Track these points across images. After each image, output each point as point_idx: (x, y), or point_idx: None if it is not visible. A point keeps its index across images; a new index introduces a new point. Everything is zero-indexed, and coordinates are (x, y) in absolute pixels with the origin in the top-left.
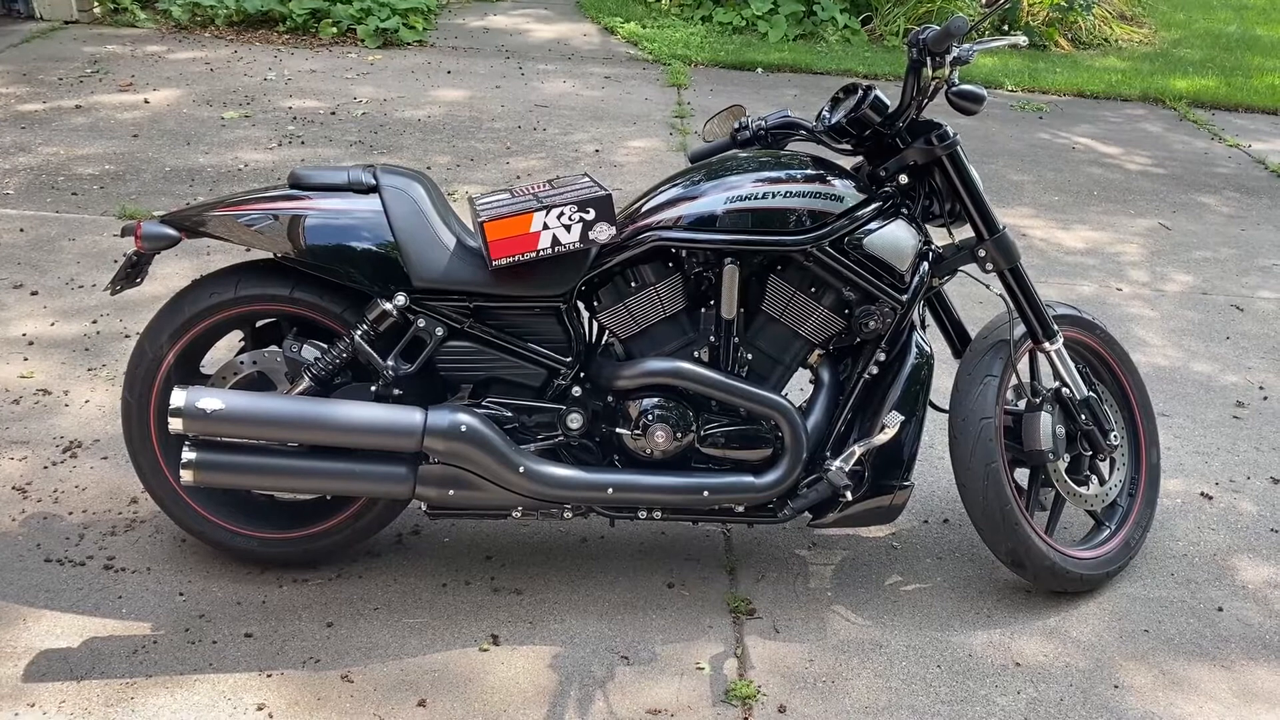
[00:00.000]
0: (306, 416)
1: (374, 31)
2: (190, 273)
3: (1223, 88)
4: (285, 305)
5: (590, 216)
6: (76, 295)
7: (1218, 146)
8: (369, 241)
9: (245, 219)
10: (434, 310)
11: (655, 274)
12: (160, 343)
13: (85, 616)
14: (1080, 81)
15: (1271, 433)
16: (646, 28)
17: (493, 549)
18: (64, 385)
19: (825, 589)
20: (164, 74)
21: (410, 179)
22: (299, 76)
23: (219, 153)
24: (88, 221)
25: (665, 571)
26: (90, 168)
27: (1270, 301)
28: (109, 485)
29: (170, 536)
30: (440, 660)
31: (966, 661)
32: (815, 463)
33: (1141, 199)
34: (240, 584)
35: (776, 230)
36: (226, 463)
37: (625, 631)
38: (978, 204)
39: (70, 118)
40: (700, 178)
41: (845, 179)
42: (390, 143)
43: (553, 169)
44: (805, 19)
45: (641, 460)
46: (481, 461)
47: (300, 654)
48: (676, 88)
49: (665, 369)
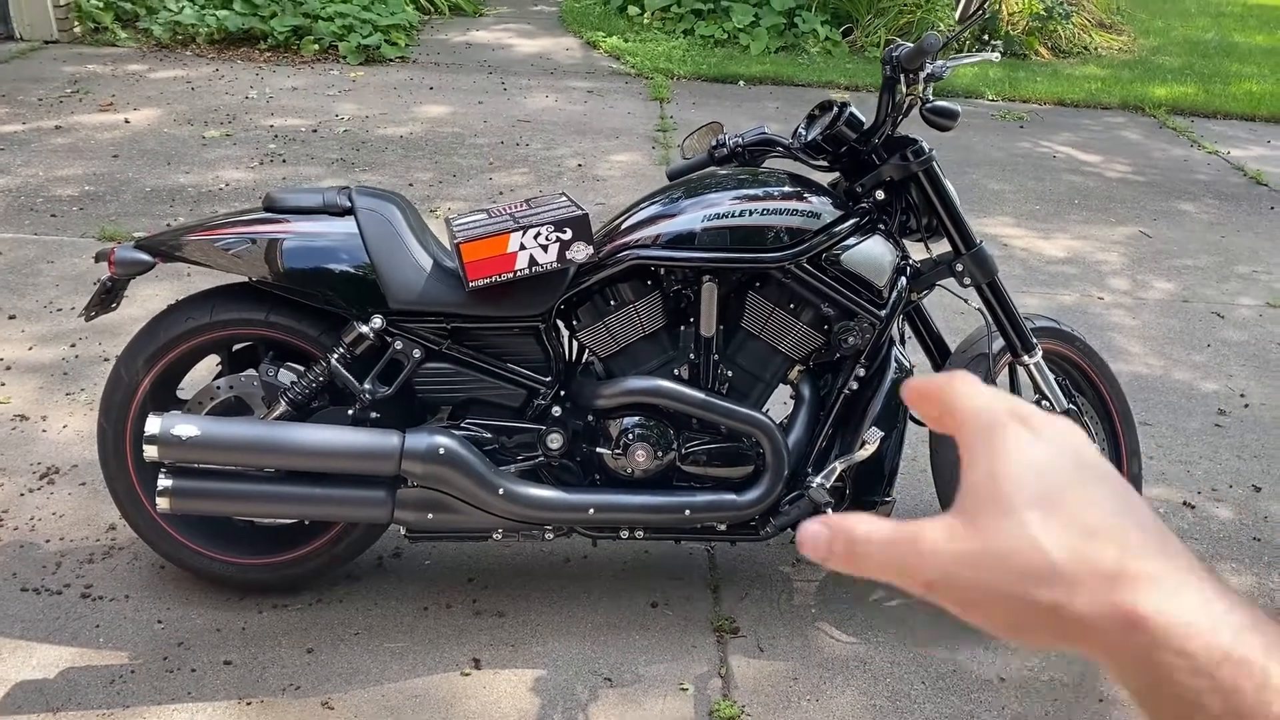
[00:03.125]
0: (283, 441)
1: (356, 48)
2: (170, 295)
3: (1201, 94)
4: (261, 329)
5: (567, 236)
6: (55, 319)
7: (1197, 153)
8: (345, 264)
9: (220, 243)
10: (411, 332)
11: (634, 292)
12: (136, 368)
13: (62, 646)
14: (1060, 90)
15: (1253, 440)
16: (629, 41)
17: (474, 571)
18: (41, 410)
19: (809, 606)
20: (145, 93)
21: (386, 200)
22: (281, 94)
23: (200, 172)
24: (67, 244)
25: (648, 591)
26: (70, 189)
27: (1251, 309)
28: (86, 512)
29: (148, 564)
30: (422, 685)
31: (951, 677)
32: (797, 479)
33: (1122, 207)
34: (219, 611)
35: (755, 247)
36: (203, 489)
37: (608, 653)
38: (954, 219)
39: (50, 138)
40: (678, 196)
41: (822, 196)
42: (372, 160)
43: (535, 184)
44: (786, 31)
45: (623, 479)
46: (460, 484)
47: (280, 681)
48: (659, 101)
49: (645, 388)
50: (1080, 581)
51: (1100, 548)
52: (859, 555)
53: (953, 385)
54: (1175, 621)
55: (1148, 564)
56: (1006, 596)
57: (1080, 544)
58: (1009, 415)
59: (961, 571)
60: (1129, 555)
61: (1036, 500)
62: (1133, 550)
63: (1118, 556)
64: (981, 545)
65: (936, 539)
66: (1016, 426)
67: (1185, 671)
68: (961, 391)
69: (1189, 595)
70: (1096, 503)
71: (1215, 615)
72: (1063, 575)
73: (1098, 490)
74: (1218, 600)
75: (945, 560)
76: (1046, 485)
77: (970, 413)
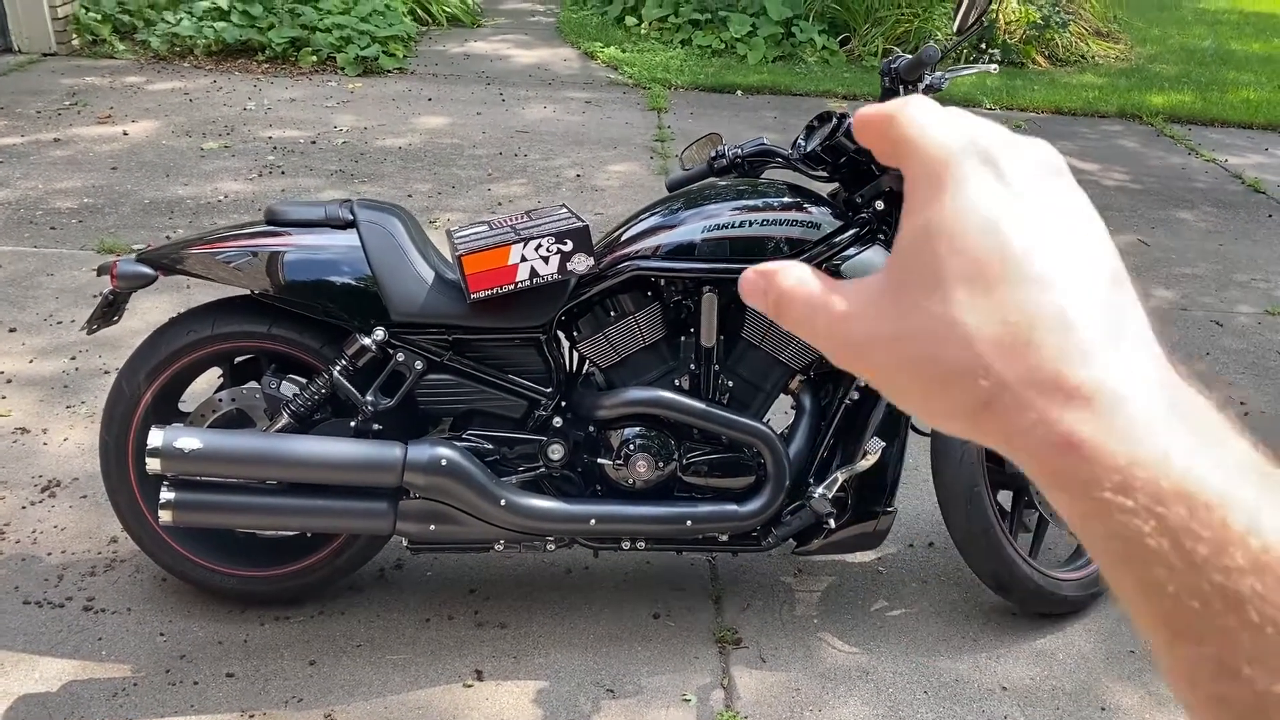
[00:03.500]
0: (285, 454)
1: (354, 59)
2: (170, 308)
3: (1198, 102)
4: (263, 341)
5: (568, 248)
6: (55, 332)
7: (1194, 161)
8: (347, 276)
9: (222, 256)
10: (413, 344)
11: (634, 303)
12: (138, 381)
13: (64, 659)
14: (1057, 98)
15: None
16: (626, 52)
17: (476, 583)
18: (42, 424)
19: (811, 616)
20: (143, 105)
21: (387, 213)
22: (279, 106)
23: (199, 184)
24: (66, 256)
25: (650, 602)
26: (69, 201)
27: (1250, 316)
28: (88, 525)
29: (150, 576)
30: (424, 697)
31: (953, 686)
32: (798, 490)
33: (1120, 215)
34: (221, 623)
35: (755, 258)
36: (205, 502)
37: (611, 664)
38: None
39: (48, 151)
40: (678, 207)
41: (822, 206)
42: (371, 171)
43: (534, 195)
44: (784, 41)
45: (624, 490)
46: (462, 495)
47: (283, 693)
48: (657, 111)
49: (646, 398)
50: (1007, 386)
51: (1039, 342)
52: (787, 313)
53: (904, 110)
54: (1117, 451)
55: (1092, 367)
56: (924, 388)
57: (1014, 336)
58: (967, 148)
59: (874, 352)
60: (1071, 356)
61: (974, 273)
62: (1078, 347)
63: (1057, 356)
64: (897, 327)
65: (851, 311)
66: (974, 164)
67: (1127, 511)
68: (912, 117)
69: (1136, 413)
70: (1048, 279)
71: (1166, 439)
72: (988, 377)
73: (1057, 258)
74: (1172, 415)
75: (857, 337)
76: (991, 251)
77: (919, 144)
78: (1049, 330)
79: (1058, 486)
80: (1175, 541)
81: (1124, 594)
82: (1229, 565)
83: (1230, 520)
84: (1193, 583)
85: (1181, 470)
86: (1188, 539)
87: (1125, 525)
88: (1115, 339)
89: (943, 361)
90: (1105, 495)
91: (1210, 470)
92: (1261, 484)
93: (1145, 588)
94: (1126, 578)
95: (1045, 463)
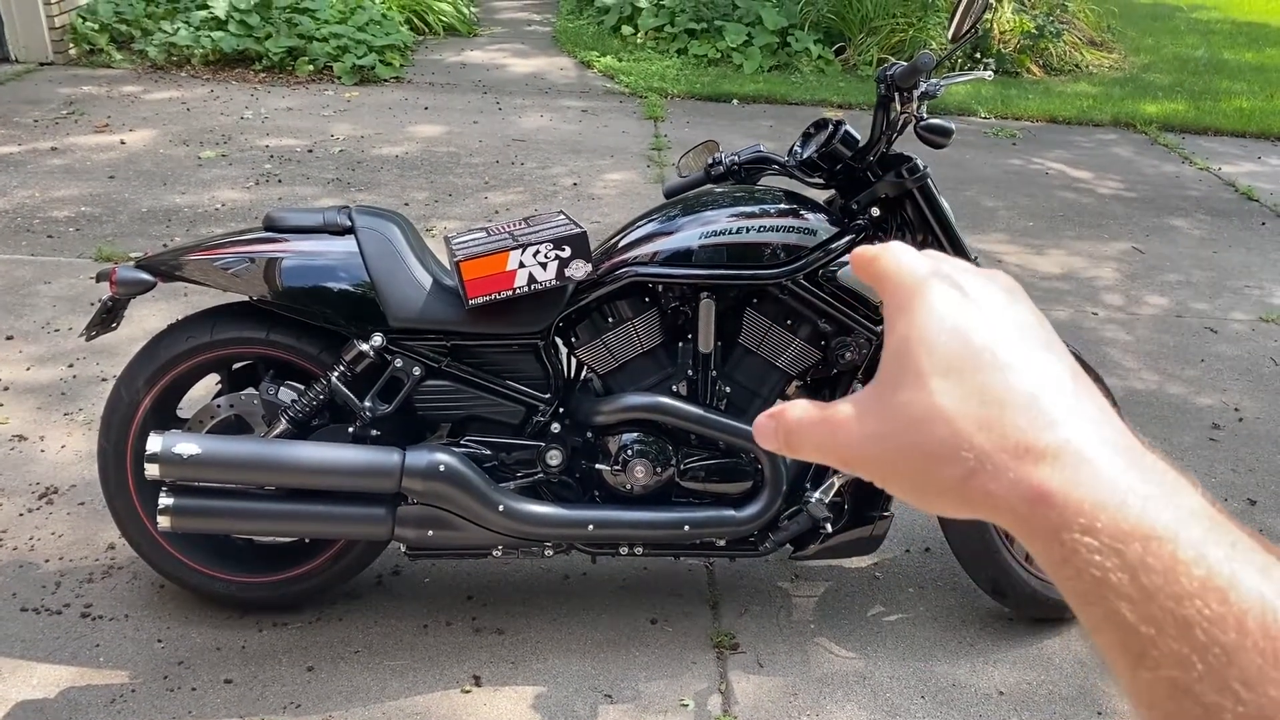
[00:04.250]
0: (284, 459)
1: (351, 68)
2: (168, 315)
3: (1192, 111)
4: (262, 348)
5: (566, 254)
6: (53, 339)
7: (1188, 170)
8: (345, 283)
9: (221, 262)
10: (411, 350)
11: (632, 309)
12: (136, 387)
13: (62, 666)
14: (1052, 107)
15: (1248, 454)
16: (622, 61)
17: (474, 588)
18: (40, 431)
19: (808, 621)
20: (140, 114)
21: (385, 219)
22: (276, 115)
23: (196, 193)
24: (64, 264)
25: (648, 607)
26: (66, 210)
27: (1243, 323)
28: (86, 532)
29: (148, 582)
30: (422, 703)
31: (950, 691)
32: (795, 495)
33: (1114, 223)
34: (219, 629)
35: (752, 264)
36: (204, 507)
37: (608, 669)
38: (949, 235)
39: (46, 159)
40: (675, 213)
41: (818, 213)
42: (368, 180)
43: (531, 203)
44: (779, 50)
45: (621, 496)
46: (461, 501)
47: (281, 699)
48: (653, 120)
49: (644, 404)
50: (987, 456)
51: (1010, 419)
52: (794, 441)
53: (886, 250)
54: (1083, 498)
55: (1057, 432)
56: (916, 470)
57: (989, 414)
58: (932, 274)
59: (870, 450)
60: (1039, 425)
61: (948, 366)
62: (1044, 418)
63: (1026, 427)
64: (889, 424)
65: (848, 418)
66: (940, 286)
67: (1092, 550)
68: (890, 254)
69: (1098, 467)
70: (1013, 366)
71: (1124, 488)
72: (970, 450)
73: (1018, 351)
74: (1130, 469)
75: (856, 439)
76: (961, 348)
77: (895, 275)
78: (1020, 407)
79: (1033, 535)
80: (1133, 575)
81: (1092, 628)
82: (1179, 592)
83: (1179, 553)
84: (1148, 611)
85: (1138, 512)
86: (1143, 572)
87: (1090, 562)
88: (1076, 411)
89: (930, 443)
90: (1074, 537)
91: (1161, 511)
92: (1209, 525)
93: (1109, 619)
94: (1093, 612)
95: (1021, 515)
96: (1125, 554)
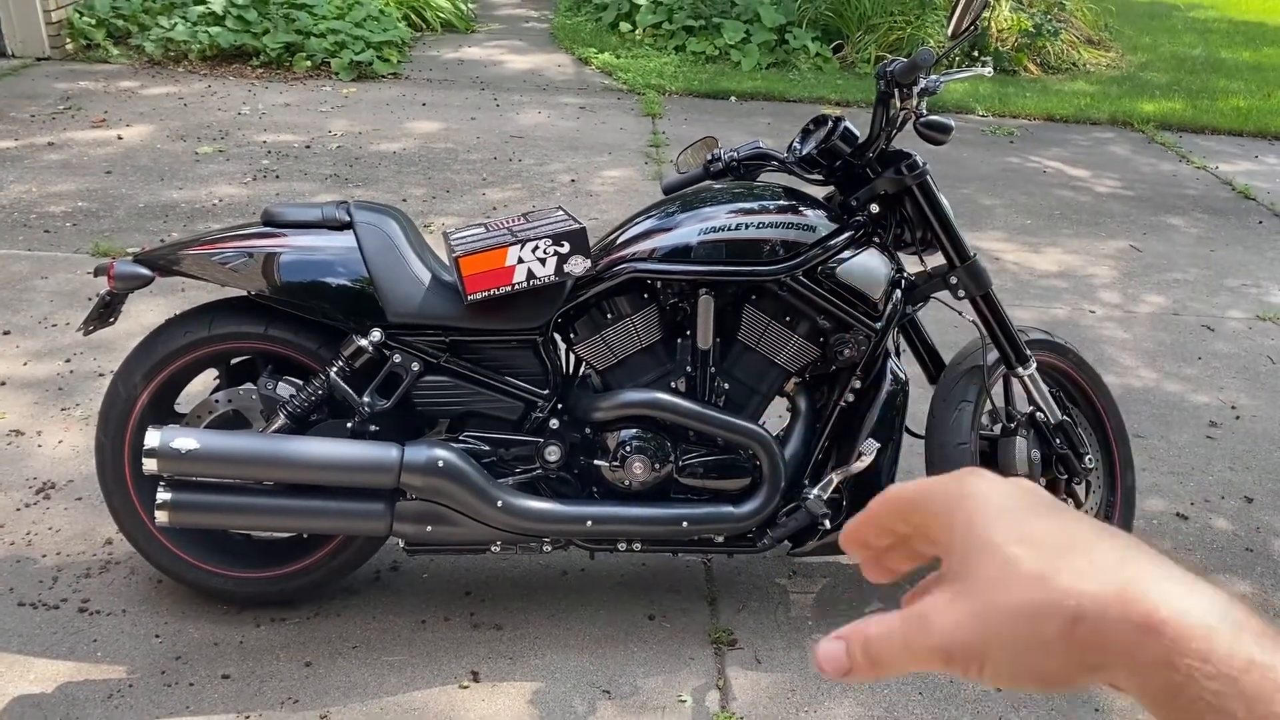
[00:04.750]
0: (282, 454)
1: (348, 64)
2: (165, 310)
3: (1189, 110)
4: (260, 343)
5: (565, 250)
6: (50, 334)
7: (1185, 168)
8: (344, 278)
9: (219, 257)
10: (410, 345)
11: (631, 305)
12: (134, 382)
13: (59, 661)
14: (1049, 106)
15: (1244, 452)
16: (620, 58)
17: (472, 584)
18: (37, 426)
19: (806, 617)
20: (137, 109)
21: (384, 214)
22: (273, 110)
23: (193, 188)
24: (61, 259)
25: (646, 603)
26: (63, 205)
27: (1240, 321)
28: (83, 527)
29: (146, 578)
30: (420, 698)
31: (948, 687)
32: (794, 491)
33: (1112, 221)
34: (217, 625)
35: (751, 260)
36: (202, 502)
37: (606, 665)
38: (948, 232)
39: (43, 155)
40: (674, 209)
41: (817, 209)
42: (366, 175)
43: (529, 199)
44: (777, 47)
45: (620, 491)
46: (459, 496)
47: (279, 694)
48: (651, 117)
49: (642, 400)
50: (1088, 597)
51: (1098, 560)
52: (879, 655)
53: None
54: (1196, 624)
55: (1149, 568)
56: (1017, 638)
57: (1075, 563)
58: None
59: (969, 629)
60: (1128, 564)
61: (1017, 536)
62: (1129, 560)
63: (1117, 565)
64: (981, 600)
65: (936, 609)
66: (972, 477)
67: (1208, 677)
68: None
69: (1203, 598)
70: (1070, 528)
71: (1233, 619)
72: (1070, 596)
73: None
74: (1231, 604)
75: (951, 626)
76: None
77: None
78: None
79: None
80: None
81: None
82: None
83: None
84: None
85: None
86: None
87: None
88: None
89: (1029, 603)
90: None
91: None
92: None
93: None
94: None
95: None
96: (1242, 683)
